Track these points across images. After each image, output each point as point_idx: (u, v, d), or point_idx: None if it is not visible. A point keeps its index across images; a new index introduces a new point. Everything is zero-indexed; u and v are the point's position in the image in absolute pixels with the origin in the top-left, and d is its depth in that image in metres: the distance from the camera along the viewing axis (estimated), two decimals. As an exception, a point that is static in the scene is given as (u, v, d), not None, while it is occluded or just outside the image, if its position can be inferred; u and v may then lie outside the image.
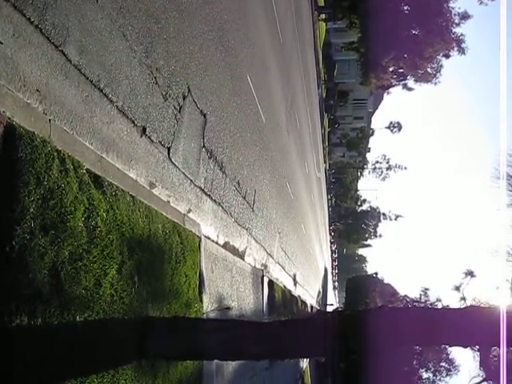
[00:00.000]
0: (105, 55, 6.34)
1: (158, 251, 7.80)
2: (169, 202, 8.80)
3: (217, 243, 12.11)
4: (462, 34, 49.28)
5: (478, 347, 6.75)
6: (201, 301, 9.90)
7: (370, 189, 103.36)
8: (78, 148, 5.67)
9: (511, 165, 6.44)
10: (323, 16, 65.04)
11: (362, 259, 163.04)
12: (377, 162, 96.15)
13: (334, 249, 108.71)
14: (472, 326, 6.23)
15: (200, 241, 10.19)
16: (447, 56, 51.62)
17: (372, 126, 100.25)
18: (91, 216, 5.64)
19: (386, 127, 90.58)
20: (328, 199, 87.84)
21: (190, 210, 9.89)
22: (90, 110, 6.04)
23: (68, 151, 5.32)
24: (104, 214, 5.94)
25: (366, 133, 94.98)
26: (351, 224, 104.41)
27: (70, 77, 5.56)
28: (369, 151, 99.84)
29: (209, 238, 11.26)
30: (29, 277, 4.59)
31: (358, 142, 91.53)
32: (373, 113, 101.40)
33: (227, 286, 12.92)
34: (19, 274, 4.50)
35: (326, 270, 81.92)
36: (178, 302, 8.60)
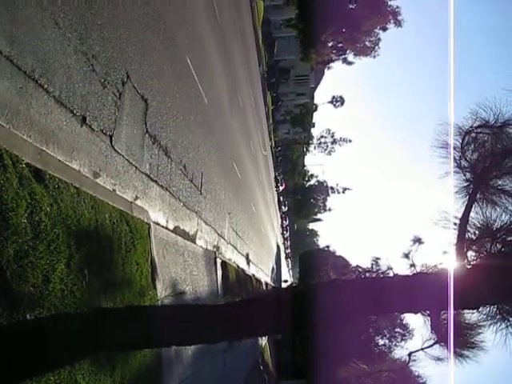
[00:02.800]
0: (37, 44, 6.12)
1: (106, 241, 7.68)
2: (114, 190, 8.65)
3: (167, 228, 12.03)
4: (397, 7, 50.23)
5: (428, 312, 6.94)
6: (154, 288, 9.85)
7: (316, 164, 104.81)
8: (16, 142, 5.49)
9: (455, 135, 6.58)
10: (260, -7, 64.85)
11: (314, 234, 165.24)
12: (322, 136, 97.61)
13: (285, 225, 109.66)
14: (421, 291, 6.38)
15: (149, 227, 10.10)
16: (384, 29, 52.54)
17: (315, 102, 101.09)
18: (34, 211, 5.50)
19: (329, 102, 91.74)
20: (276, 176, 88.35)
21: (137, 198, 9.77)
22: (26, 101, 5.85)
23: (5, 146, 5.14)
24: (48, 208, 5.80)
25: (310, 108, 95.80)
26: (300, 200, 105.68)
27: (1, 69, 5.36)
28: (313, 126, 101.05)
29: (158, 224, 11.18)
30: (-27, 279, 4.46)
31: (302, 118, 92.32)
32: (315, 88, 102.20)
33: (180, 271, 12.88)
34: (-38, 277, 4.36)
35: (278, 247, 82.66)
36: (131, 291, 8.52)
